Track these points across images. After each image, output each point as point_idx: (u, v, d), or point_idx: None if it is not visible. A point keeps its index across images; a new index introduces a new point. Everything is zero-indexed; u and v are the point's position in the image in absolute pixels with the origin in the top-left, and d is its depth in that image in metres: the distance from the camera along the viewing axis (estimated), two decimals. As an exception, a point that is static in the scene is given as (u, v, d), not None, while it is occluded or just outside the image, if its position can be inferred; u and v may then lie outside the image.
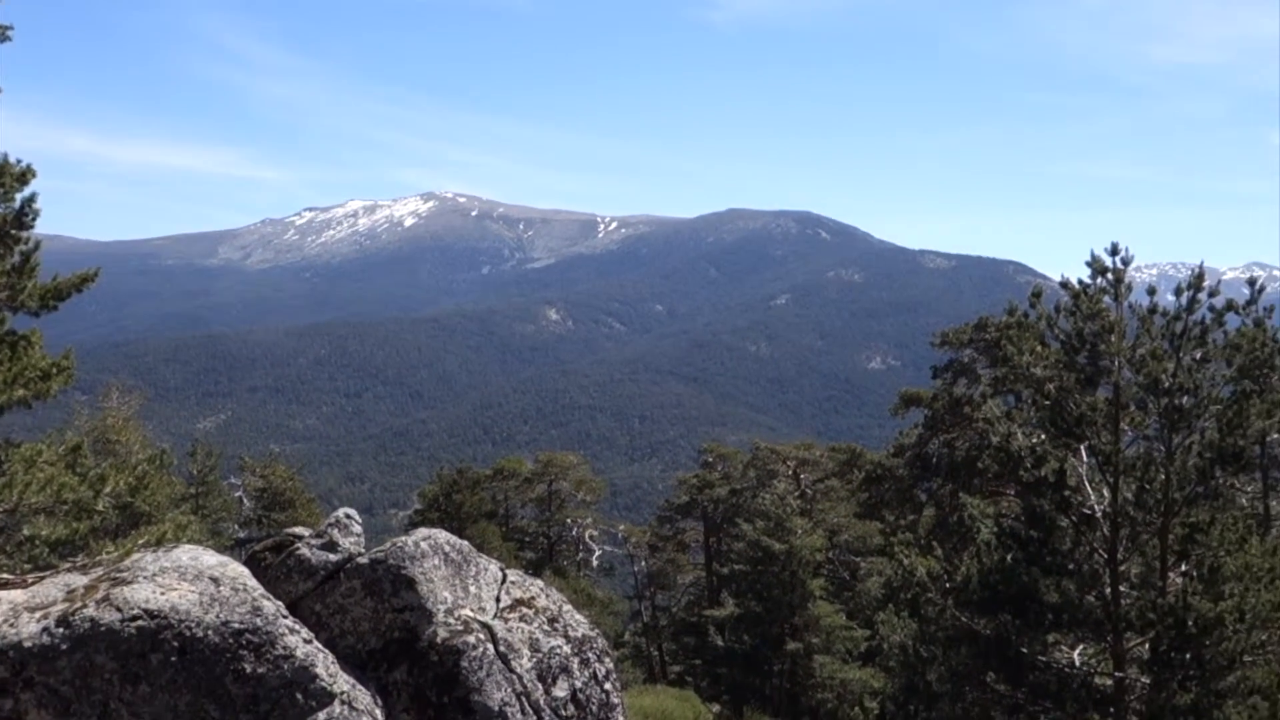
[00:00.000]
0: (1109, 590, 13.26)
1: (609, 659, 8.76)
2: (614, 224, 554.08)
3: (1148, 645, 13.15)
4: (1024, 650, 13.42)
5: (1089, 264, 13.25)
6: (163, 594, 6.52)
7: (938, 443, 32.24)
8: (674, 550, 43.02)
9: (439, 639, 7.38)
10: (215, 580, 6.79)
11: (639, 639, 42.12)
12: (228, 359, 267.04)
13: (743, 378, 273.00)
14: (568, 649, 8.12)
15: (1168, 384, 12.68)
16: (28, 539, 9.77)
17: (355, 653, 7.36)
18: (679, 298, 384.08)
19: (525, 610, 8.13)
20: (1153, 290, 13.19)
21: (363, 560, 7.67)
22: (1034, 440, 13.69)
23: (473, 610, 7.73)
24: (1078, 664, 13.83)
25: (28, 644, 6.16)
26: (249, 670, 6.45)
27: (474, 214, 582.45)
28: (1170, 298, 13.51)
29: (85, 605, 6.37)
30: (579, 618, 8.67)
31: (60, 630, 6.23)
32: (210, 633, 6.44)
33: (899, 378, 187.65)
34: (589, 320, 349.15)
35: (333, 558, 7.68)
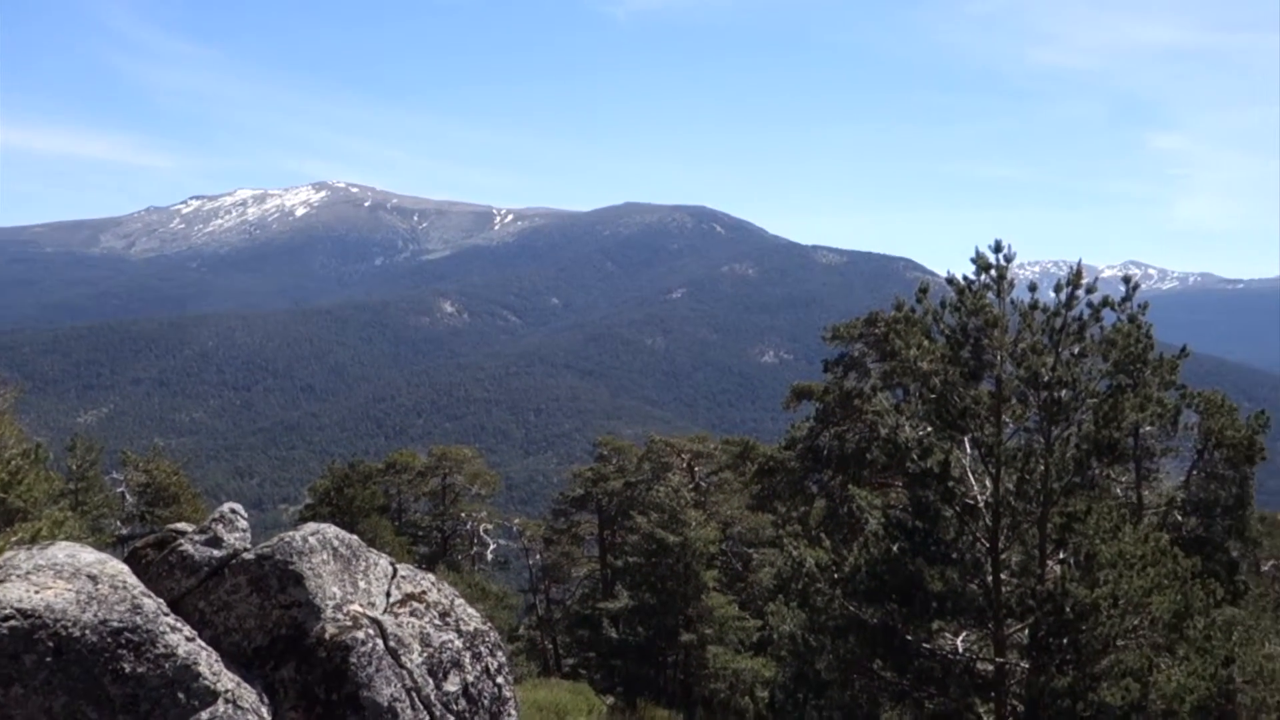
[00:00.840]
0: (991, 578, 13.65)
1: (502, 653, 8.70)
2: (510, 216, 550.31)
3: (1027, 631, 13.58)
4: (909, 638, 13.74)
5: (973, 261, 13.60)
6: (37, 593, 6.28)
7: (828, 435, 32.72)
8: (569, 543, 42.97)
9: (327, 635, 7.25)
10: (93, 578, 6.56)
11: (534, 632, 41.98)
12: (110, 350, 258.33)
13: (638, 371, 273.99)
14: (460, 643, 8.05)
15: (1047, 378, 13.10)
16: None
17: (240, 650, 7.19)
18: (575, 291, 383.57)
19: (416, 605, 8.04)
20: (1034, 287, 13.60)
21: (248, 556, 7.49)
22: (920, 432, 14.01)
23: (362, 606, 7.61)
24: (961, 650, 14.22)
25: (-111, 647, 5.88)
26: (128, 670, 6.25)
27: (367, 204, 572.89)
28: (1051, 294, 13.94)
29: (-48, 606, 6.10)
30: (471, 612, 8.60)
31: (-75, 632, 5.96)
32: (88, 632, 6.23)
33: (792, 371, 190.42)
34: (485, 313, 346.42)
35: (217, 554, 7.49)
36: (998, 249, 13.53)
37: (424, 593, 8.26)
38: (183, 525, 7.98)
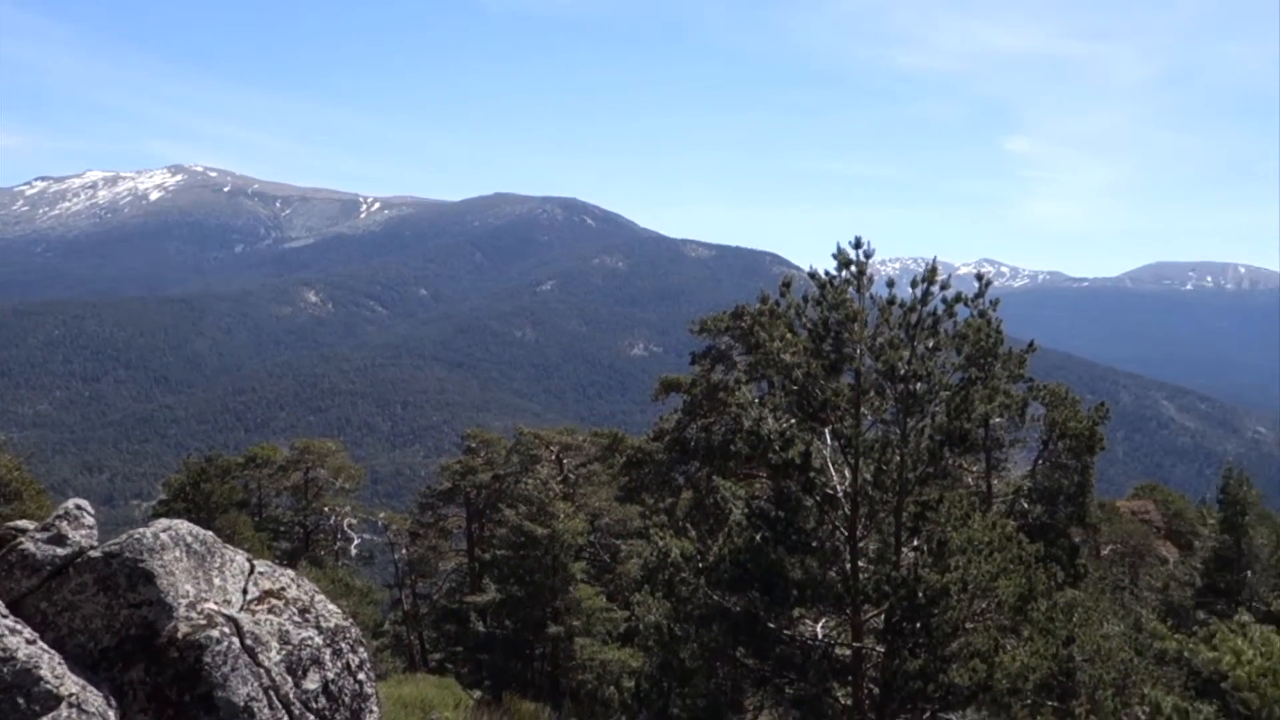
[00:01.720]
0: (849, 566, 14.04)
1: (363, 649, 8.59)
2: (377, 204, 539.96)
3: (883, 616, 14.01)
4: (771, 625, 14.05)
5: (835, 256, 13.95)
6: None
7: (695, 427, 33.11)
8: (436, 537, 42.56)
9: (180, 634, 7.06)
10: (-76, 580, 6.26)
11: (399, 628, 41.46)
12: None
13: (508, 363, 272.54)
14: (320, 640, 7.93)
15: (903, 371, 13.52)
16: None
17: (87, 652, 6.95)
18: (444, 281, 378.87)
19: (274, 602, 7.88)
20: (892, 283, 14.01)
21: (95, 554, 7.23)
22: (783, 424, 14.31)
23: (217, 604, 7.43)
24: (820, 636, 14.59)
25: None
26: (-37, 675, 5.99)
27: (227, 189, 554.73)
28: (909, 290, 14.37)
29: None
30: (332, 608, 8.47)
31: None
32: (-83, 637, 5.94)
33: (660, 364, 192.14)
34: (350, 303, 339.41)
35: (61, 552, 7.20)
36: (858, 245, 13.89)
37: (283, 589, 8.11)
38: (24, 523, 7.66)
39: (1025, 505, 24.49)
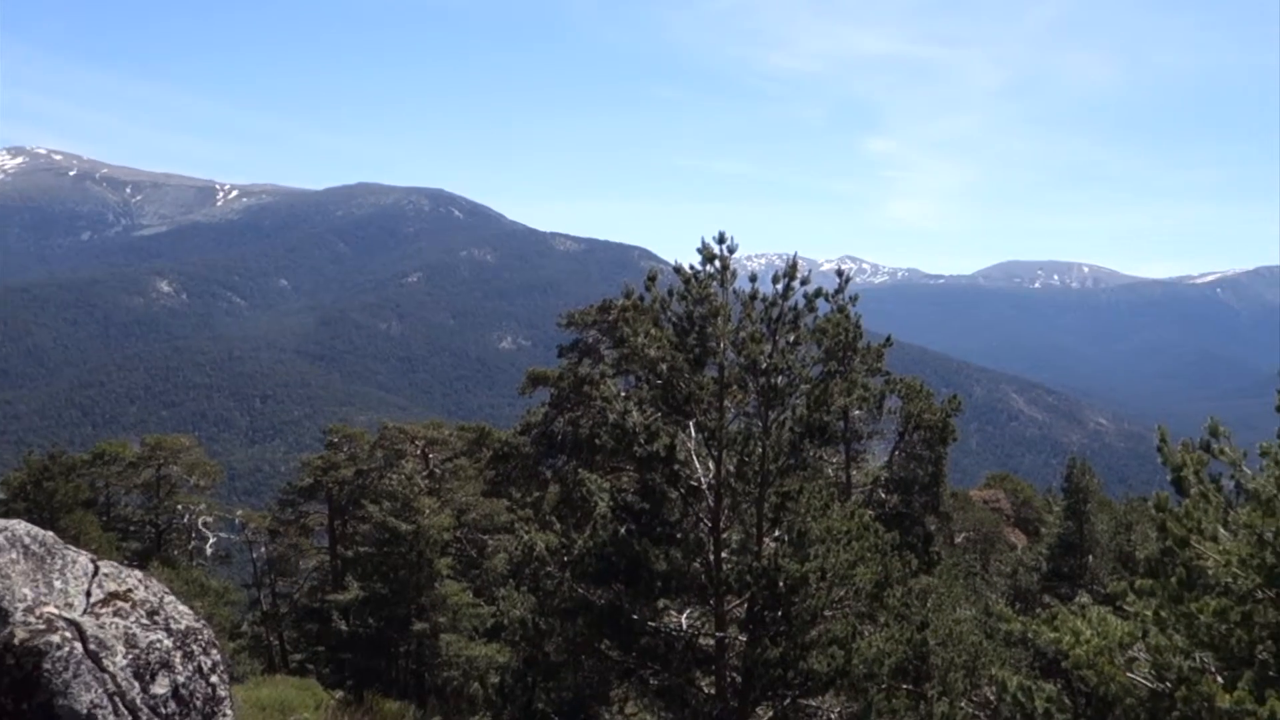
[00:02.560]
0: (712, 556, 14.23)
1: (216, 651, 8.34)
2: (235, 192, 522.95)
3: (745, 606, 14.25)
4: (636, 617, 14.15)
5: (699, 251, 14.10)
6: None
7: (563, 421, 33.14)
8: (296, 535, 41.60)
9: (17, 640, 6.74)
10: None
11: (258, 628, 40.39)
12: None
13: (372, 356, 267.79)
14: (169, 643, 7.67)
15: (765, 365, 13.76)
16: None
17: (-86, 662, 6.57)
18: (305, 272, 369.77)
19: (121, 604, 7.58)
20: (754, 277, 14.23)
21: (-77, 558, 6.85)
22: (648, 417, 14.42)
23: (58, 607, 7.12)
24: (684, 627, 14.76)
25: None
26: None
27: (72, 174, 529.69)
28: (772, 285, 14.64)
29: None
30: (184, 609, 8.20)
31: None
32: None
33: (529, 357, 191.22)
34: (206, 294, 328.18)
35: (-115, 556, 6.81)
36: (721, 240, 14.06)
37: (130, 590, 7.81)
38: None
39: (882, 495, 25.21)
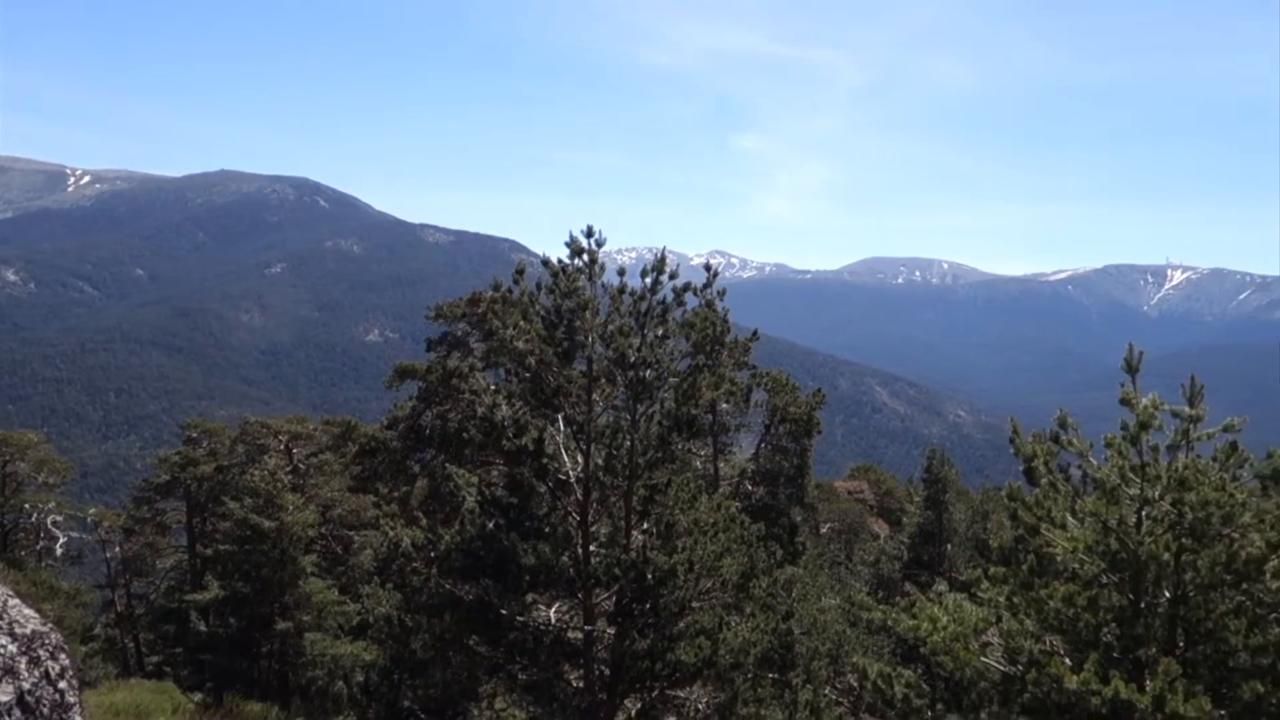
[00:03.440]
0: (580, 550, 14.23)
1: (65, 655, 7.97)
2: (87, 178, 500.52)
3: (613, 598, 14.29)
4: (504, 612, 14.06)
5: (567, 245, 14.06)
6: None
7: (431, 415, 32.76)
8: (153, 533, 40.11)
9: None
10: None
11: (112, 631, 38.84)
12: None
13: (234, 349, 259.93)
14: (14, 648, 7.30)
15: (633, 358, 13.80)
16: None
17: None
18: (163, 262, 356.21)
19: (-45, 609, 7.19)
20: (623, 271, 14.26)
21: None
22: (516, 411, 14.33)
23: (-116, 614, 6.71)
24: (553, 621, 14.72)
25: None
26: None
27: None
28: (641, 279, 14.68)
29: None
30: (29, 612, 7.81)
31: None
32: None
33: (397, 350, 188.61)
34: (55, 283, 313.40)
35: None
36: (590, 234, 14.05)
37: (-35, 595, 7.41)
38: None
39: (749, 487, 25.59)
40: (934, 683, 13.76)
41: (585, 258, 14.04)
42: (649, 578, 13.53)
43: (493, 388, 16.17)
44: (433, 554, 14.33)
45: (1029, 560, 12.29)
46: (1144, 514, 11.72)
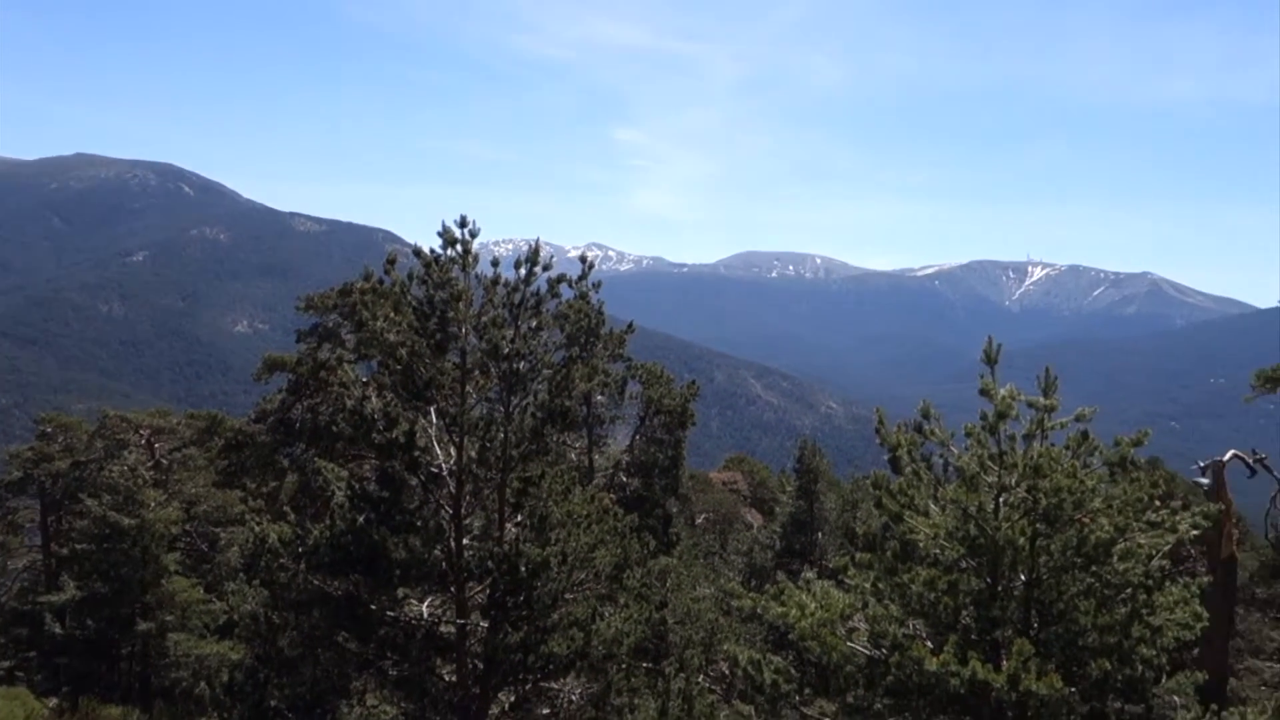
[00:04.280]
0: (453, 543, 14.12)
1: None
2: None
3: (487, 592, 14.22)
4: (374, 607, 13.87)
5: (440, 235, 13.90)
6: None
7: (301, 408, 32.07)
8: (4, 532, 38.40)
9: None
10: None
11: (-41, 636, 37.04)
12: None
13: (92, 340, 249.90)
14: None
15: (507, 350, 13.72)
16: None
17: None
18: (14, 249, 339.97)
19: None
20: (496, 262, 14.15)
21: None
22: (387, 403, 14.13)
23: None
24: (425, 615, 14.56)
25: None
26: None
27: None
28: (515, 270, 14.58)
29: None
30: None
31: None
32: None
33: (266, 342, 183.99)
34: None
35: None
36: (463, 224, 13.91)
37: None
38: None
39: (624, 478, 25.73)
40: (804, 668, 14.07)
41: (459, 248, 13.90)
42: (522, 570, 13.50)
43: (363, 380, 15.93)
44: (301, 549, 14.03)
45: (893, 546, 12.65)
46: (1001, 500, 12.17)
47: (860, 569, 12.88)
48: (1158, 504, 12.57)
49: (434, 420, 14.29)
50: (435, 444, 14.23)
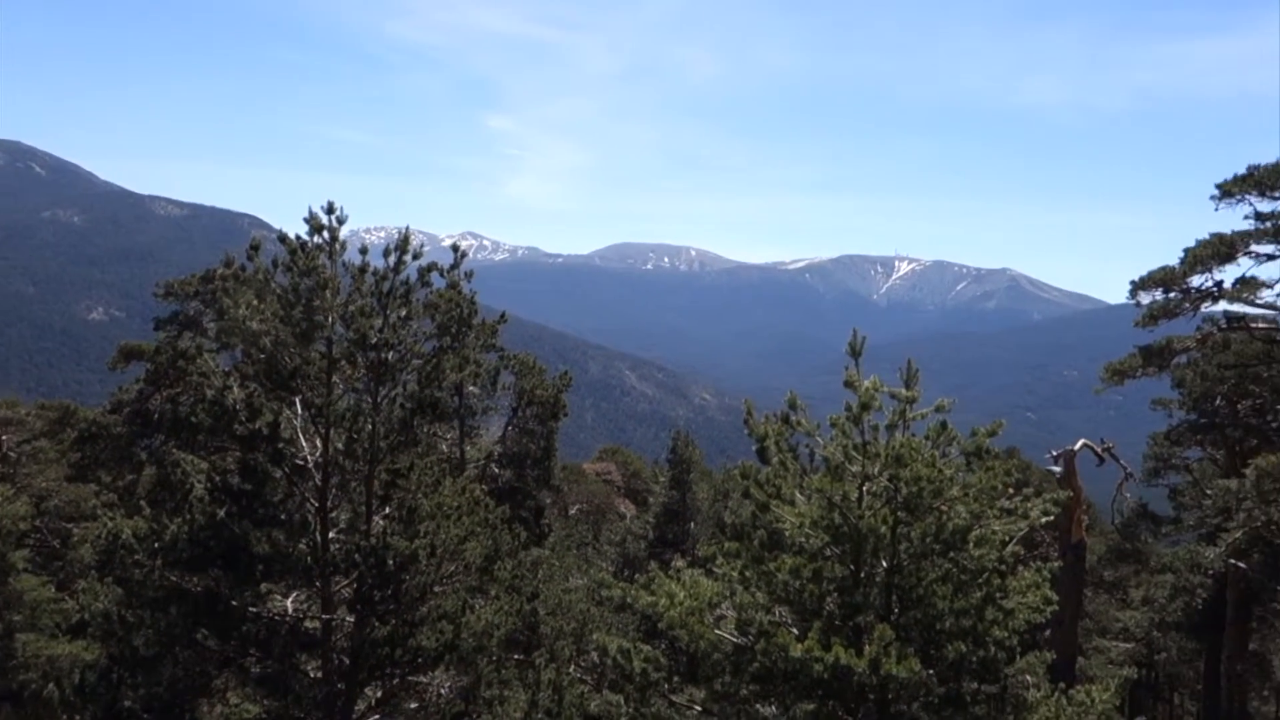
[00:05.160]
0: (319, 537, 13.83)
1: None
2: None
3: (354, 586, 13.97)
4: (235, 604, 13.50)
5: (307, 221, 13.59)
6: None
7: (161, 398, 31.05)
8: None
9: None
10: None
11: None
12: None
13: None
14: None
15: (375, 339, 13.51)
16: None
17: None
18: None
19: None
20: (365, 250, 13.89)
21: None
22: (250, 393, 13.75)
23: None
24: (290, 611, 14.24)
25: None
26: None
27: None
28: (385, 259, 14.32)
29: None
30: None
31: None
32: None
33: (125, 330, 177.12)
34: None
35: None
36: (330, 211, 13.62)
37: None
38: None
39: (496, 470, 25.59)
40: (676, 657, 14.22)
41: (326, 235, 13.61)
42: (390, 563, 13.31)
43: (225, 370, 15.48)
44: (158, 545, 13.54)
45: (760, 535, 12.87)
46: (865, 489, 12.49)
47: (728, 558, 13.06)
48: (1011, 492, 13.07)
49: (299, 411, 13.97)
50: (300, 435, 13.91)
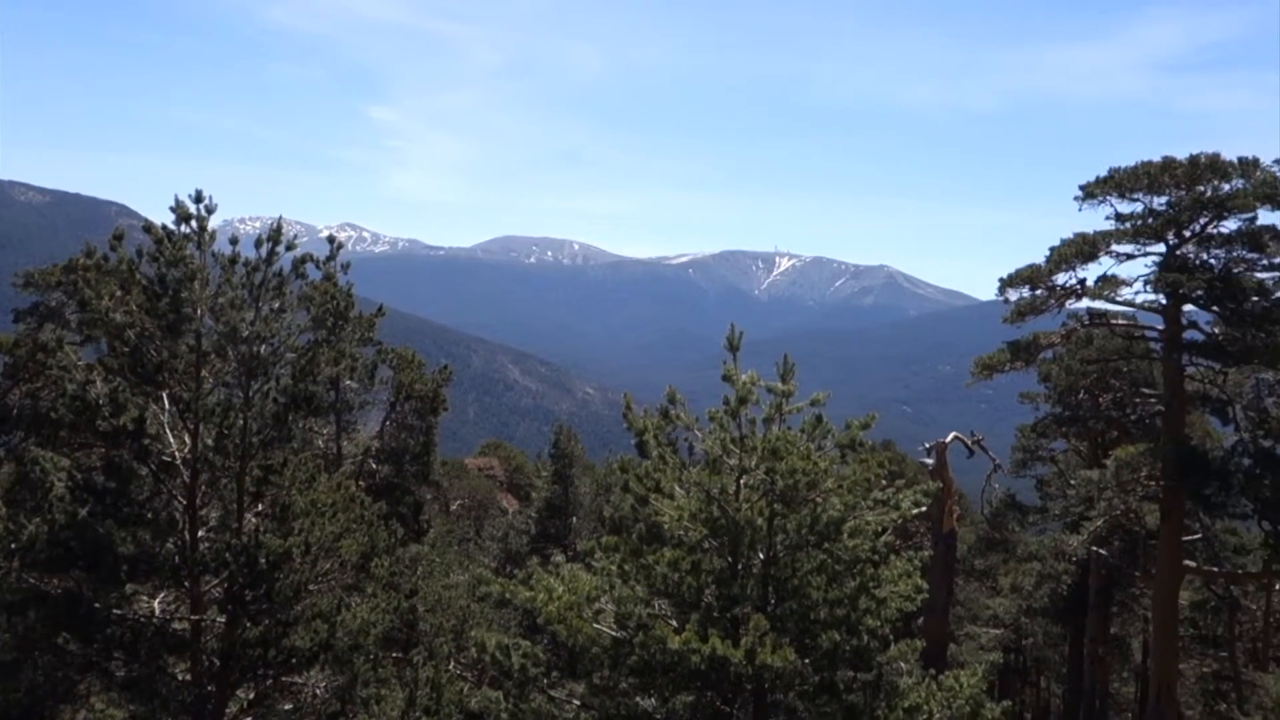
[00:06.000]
0: (188, 536, 13.42)
1: None
2: None
3: (224, 586, 13.59)
4: (99, 606, 13.01)
5: (173, 210, 13.16)
6: None
7: (19, 393, 29.70)
8: None
9: None
10: None
11: None
12: None
13: None
14: None
15: (246, 333, 13.15)
16: None
17: None
18: None
19: None
20: (235, 240, 13.49)
21: None
22: (114, 388, 13.26)
23: None
24: (157, 612, 13.80)
25: None
26: None
27: None
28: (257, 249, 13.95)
29: None
30: None
31: None
32: None
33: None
34: None
35: None
36: (199, 199, 13.20)
37: None
38: None
39: (374, 465, 25.19)
40: (557, 652, 14.21)
41: (194, 224, 13.19)
42: (262, 562, 12.98)
43: (87, 364, 14.91)
44: (14, 546, 12.96)
45: (639, 529, 12.95)
46: (742, 482, 12.67)
47: (607, 551, 13.11)
48: (884, 483, 13.40)
49: (166, 406, 13.52)
50: (168, 431, 13.46)
